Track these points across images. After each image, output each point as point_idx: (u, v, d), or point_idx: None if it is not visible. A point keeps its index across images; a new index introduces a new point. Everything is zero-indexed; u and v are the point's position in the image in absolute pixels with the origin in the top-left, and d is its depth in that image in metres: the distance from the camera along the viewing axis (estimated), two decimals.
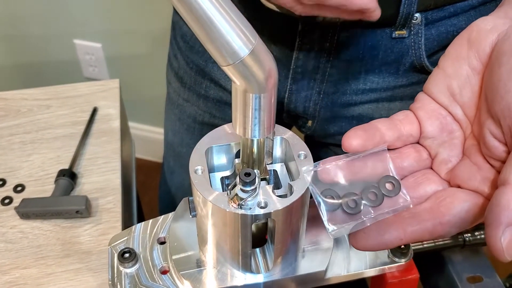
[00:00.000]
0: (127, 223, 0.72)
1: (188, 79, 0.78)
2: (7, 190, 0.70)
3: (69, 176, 0.69)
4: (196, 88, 0.77)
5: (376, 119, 0.58)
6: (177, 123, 0.85)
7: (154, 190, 1.16)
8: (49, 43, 1.57)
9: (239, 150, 0.44)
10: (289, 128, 0.77)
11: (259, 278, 0.46)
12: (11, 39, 1.56)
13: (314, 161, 0.41)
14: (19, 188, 0.70)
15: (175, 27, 0.78)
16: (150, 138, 1.67)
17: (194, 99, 0.79)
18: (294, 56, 0.64)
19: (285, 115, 0.73)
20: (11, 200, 0.69)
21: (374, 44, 0.61)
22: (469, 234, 0.57)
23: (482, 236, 0.57)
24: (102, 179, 0.71)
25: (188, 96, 0.79)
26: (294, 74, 0.66)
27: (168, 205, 0.99)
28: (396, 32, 0.60)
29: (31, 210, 0.65)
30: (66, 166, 0.71)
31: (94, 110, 0.80)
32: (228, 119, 0.78)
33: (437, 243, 0.57)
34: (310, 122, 0.72)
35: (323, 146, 0.79)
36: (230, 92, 0.72)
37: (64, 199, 0.66)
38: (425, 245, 0.57)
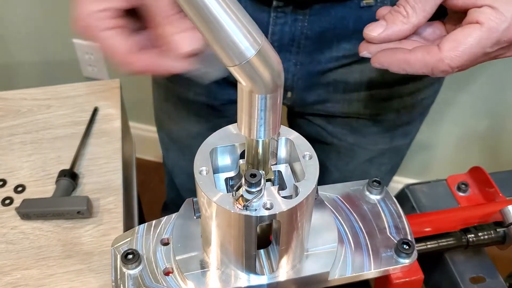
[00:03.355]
0: (128, 224, 0.71)
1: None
2: (7, 191, 0.69)
3: (70, 176, 0.69)
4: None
5: (350, 82, 0.67)
6: (164, 102, 0.87)
7: (154, 190, 1.16)
8: (48, 43, 1.56)
9: (244, 150, 0.44)
10: None
11: (263, 280, 0.46)
12: (11, 39, 1.56)
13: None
14: (19, 189, 0.70)
15: None
16: (150, 138, 1.66)
17: (177, 78, 0.80)
18: (270, 31, 0.66)
19: None
20: (11, 200, 0.68)
21: (344, 15, 0.63)
22: (473, 235, 0.57)
23: (486, 237, 0.57)
24: (103, 180, 0.71)
25: (172, 77, 0.81)
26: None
27: (169, 183, 1.03)
28: (364, 1, 0.62)
29: (32, 211, 0.64)
30: (67, 167, 0.71)
31: (95, 110, 0.80)
32: (210, 95, 0.80)
33: (440, 244, 0.57)
34: (289, 93, 0.74)
35: (302, 117, 0.81)
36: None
37: (65, 199, 0.66)
38: (428, 246, 0.57)
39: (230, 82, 0.77)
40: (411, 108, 0.77)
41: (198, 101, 0.81)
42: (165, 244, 0.50)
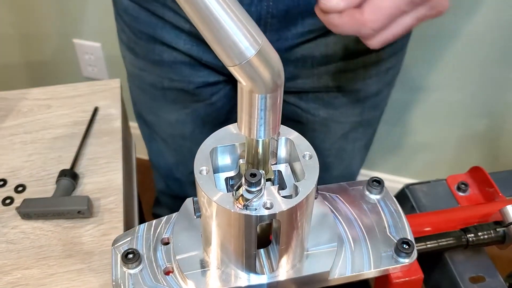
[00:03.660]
0: (128, 223, 0.72)
1: (140, 49, 0.80)
2: (8, 190, 0.70)
3: (70, 176, 0.69)
4: (149, 56, 0.79)
5: (317, 56, 0.70)
6: (140, 93, 0.88)
7: (154, 190, 1.16)
8: (48, 43, 1.56)
9: (244, 150, 0.44)
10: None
11: (263, 279, 0.46)
12: (11, 39, 1.56)
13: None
14: (20, 188, 0.70)
15: (116, 3, 0.80)
16: None
17: (149, 67, 0.81)
18: None
19: None
20: (12, 200, 0.68)
21: None
22: (472, 235, 0.57)
23: (485, 236, 0.57)
24: (103, 179, 0.71)
25: (144, 65, 0.82)
26: None
27: (156, 176, 1.05)
28: None
29: (33, 211, 0.65)
30: (68, 166, 0.71)
31: (95, 110, 0.80)
32: (184, 80, 0.81)
33: (440, 243, 0.57)
34: None
35: None
36: (183, 52, 0.76)
37: (66, 199, 0.66)
38: (428, 245, 0.57)
39: (203, 64, 0.78)
40: (376, 78, 0.79)
41: (173, 88, 0.82)
42: (166, 243, 0.50)
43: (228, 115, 0.92)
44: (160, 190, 1.08)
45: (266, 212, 0.39)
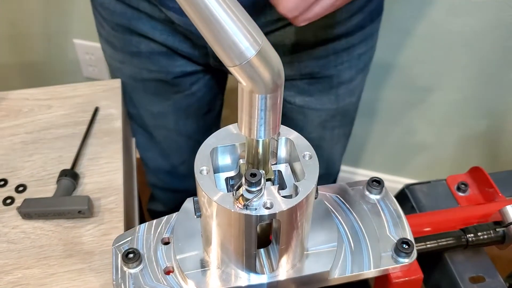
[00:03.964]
0: (128, 223, 0.72)
1: (118, 42, 0.81)
2: (9, 190, 0.70)
3: (71, 176, 0.69)
4: (127, 48, 0.80)
5: (287, 44, 0.73)
6: (122, 85, 0.88)
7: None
8: (48, 43, 1.56)
9: (244, 150, 0.44)
10: (217, 71, 0.82)
11: (263, 279, 0.46)
12: (11, 39, 1.56)
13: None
14: (20, 188, 0.70)
15: None
16: None
17: (128, 59, 0.82)
18: None
19: (212, 60, 0.78)
20: (13, 200, 0.68)
21: None
22: (472, 235, 0.57)
23: (485, 236, 0.57)
24: (104, 179, 0.71)
25: (122, 58, 0.83)
26: None
27: (146, 171, 1.06)
28: None
29: (33, 210, 0.65)
30: (68, 166, 0.71)
31: (96, 110, 0.80)
32: (164, 71, 0.82)
33: (439, 243, 0.57)
34: None
35: None
36: (159, 43, 0.77)
37: (67, 199, 0.66)
38: (427, 245, 0.57)
39: (179, 54, 0.78)
40: (348, 64, 0.80)
41: (152, 79, 0.83)
42: (166, 243, 0.50)
43: (210, 106, 0.93)
44: (152, 184, 1.09)
45: (266, 212, 0.39)
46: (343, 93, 0.84)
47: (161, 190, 1.09)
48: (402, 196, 0.72)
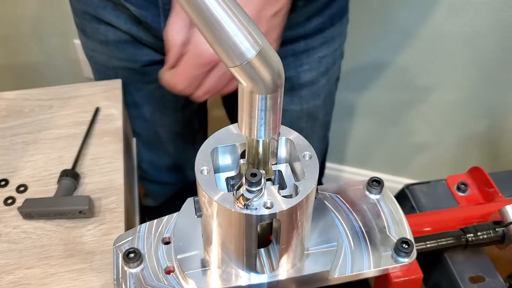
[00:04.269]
0: (129, 223, 0.72)
1: (88, 30, 0.82)
2: (10, 190, 0.70)
3: (72, 176, 0.69)
4: (96, 36, 0.81)
5: None
6: (98, 76, 0.90)
7: None
8: (49, 43, 1.57)
9: (244, 150, 0.44)
10: None
11: (264, 278, 0.46)
12: (11, 39, 1.56)
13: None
14: (21, 188, 0.70)
15: None
16: None
17: (98, 48, 0.83)
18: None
19: None
20: (14, 200, 0.69)
21: None
22: (472, 235, 0.57)
23: (485, 236, 0.57)
24: (105, 179, 0.71)
25: (94, 46, 0.84)
26: (165, 12, 0.71)
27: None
28: None
29: (34, 210, 0.65)
30: (69, 166, 0.71)
31: (97, 110, 0.80)
32: (132, 59, 0.82)
33: (439, 243, 0.57)
34: None
35: None
36: (125, 32, 0.78)
37: (68, 199, 0.67)
38: (427, 245, 0.57)
39: (144, 44, 0.79)
40: (308, 66, 0.80)
41: (122, 67, 0.84)
42: (167, 243, 0.50)
43: (187, 98, 0.93)
44: (140, 176, 1.10)
45: (266, 212, 0.39)
46: (306, 95, 0.84)
47: (149, 182, 1.08)
48: (402, 196, 0.72)
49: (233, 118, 1.00)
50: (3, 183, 0.71)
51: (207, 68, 0.60)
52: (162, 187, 1.08)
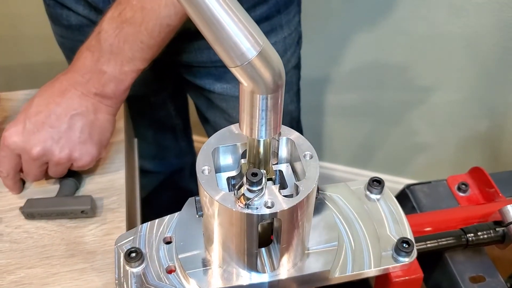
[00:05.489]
0: (131, 223, 0.72)
1: (54, 16, 0.84)
2: None
3: (73, 176, 0.69)
4: (61, 21, 0.83)
5: (192, 31, 0.68)
6: (68, 60, 0.91)
7: None
8: (49, 43, 1.57)
9: (245, 150, 0.44)
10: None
11: (265, 278, 0.46)
12: (12, 40, 1.56)
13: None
14: None
15: None
16: None
17: (64, 33, 0.85)
18: None
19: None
20: None
21: None
22: (472, 234, 0.57)
23: (485, 236, 0.57)
24: (106, 179, 0.71)
25: (61, 31, 0.86)
26: None
27: None
28: None
29: (36, 210, 0.65)
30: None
31: None
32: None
33: (440, 243, 0.58)
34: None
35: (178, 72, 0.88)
36: (84, 16, 0.79)
37: (70, 199, 0.67)
38: (428, 245, 0.57)
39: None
40: None
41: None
42: (168, 242, 0.50)
43: (159, 85, 0.93)
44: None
45: (267, 211, 0.40)
46: None
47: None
48: (403, 196, 0.72)
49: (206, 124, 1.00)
50: None
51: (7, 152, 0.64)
52: (147, 177, 1.08)
